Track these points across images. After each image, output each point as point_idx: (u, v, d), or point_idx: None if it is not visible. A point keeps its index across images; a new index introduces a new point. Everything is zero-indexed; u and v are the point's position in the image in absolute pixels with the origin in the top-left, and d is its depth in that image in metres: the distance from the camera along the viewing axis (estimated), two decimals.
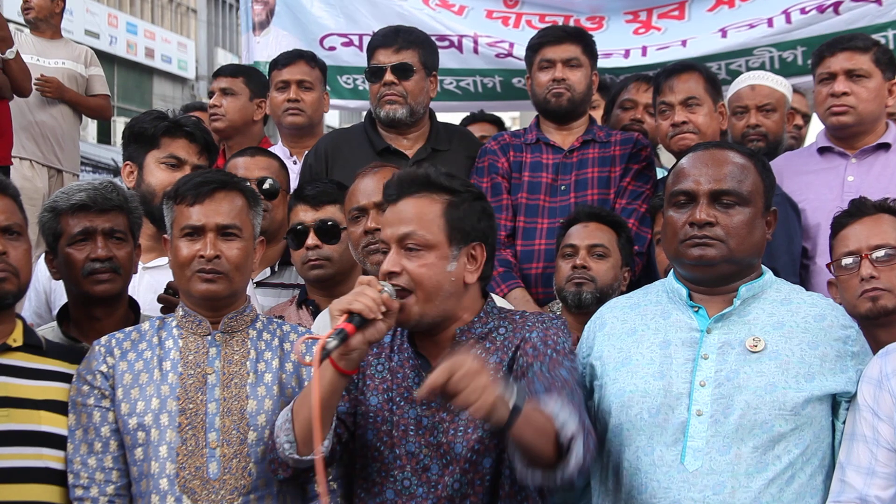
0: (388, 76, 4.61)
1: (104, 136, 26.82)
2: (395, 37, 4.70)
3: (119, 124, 27.10)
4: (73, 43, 7.55)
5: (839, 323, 2.95)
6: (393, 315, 2.77)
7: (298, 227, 4.08)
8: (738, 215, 2.92)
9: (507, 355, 2.88)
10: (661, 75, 4.52)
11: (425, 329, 2.90)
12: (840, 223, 3.50)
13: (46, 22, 7.16)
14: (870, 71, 4.35)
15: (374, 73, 4.66)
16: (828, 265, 3.52)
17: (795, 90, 5.58)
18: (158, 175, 3.90)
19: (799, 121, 5.78)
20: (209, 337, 3.13)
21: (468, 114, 6.19)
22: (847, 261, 3.43)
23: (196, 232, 3.11)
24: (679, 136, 4.35)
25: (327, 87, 5.59)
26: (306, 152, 4.95)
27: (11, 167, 6.42)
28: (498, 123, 6.17)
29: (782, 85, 4.94)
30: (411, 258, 2.84)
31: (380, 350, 2.98)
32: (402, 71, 4.63)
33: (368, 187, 3.73)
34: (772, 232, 3.04)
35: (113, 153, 20.97)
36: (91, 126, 24.93)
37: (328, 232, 4.02)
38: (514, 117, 10.52)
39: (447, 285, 2.87)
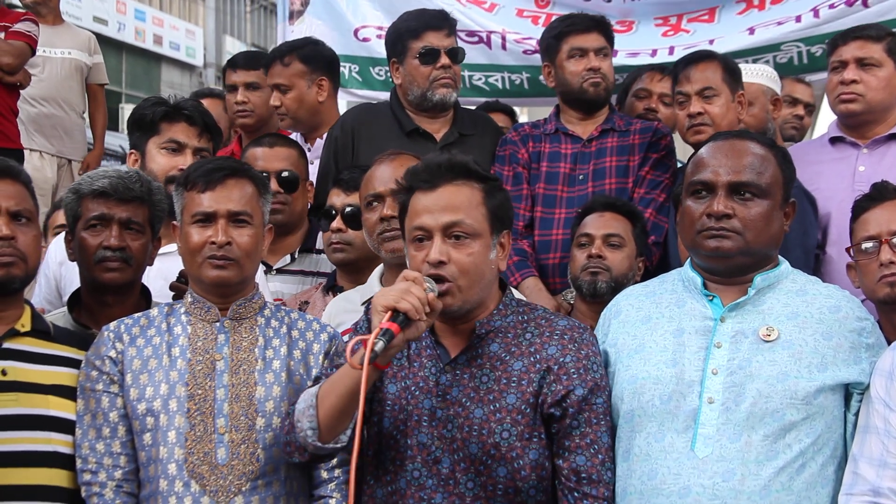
0: (445, 59, 4.58)
1: (112, 123, 26.71)
2: (446, 21, 4.69)
3: (126, 111, 27.02)
4: (75, 28, 7.54)
5: (854, 315, 2.94)
6: (435, 314, 2.73)
7: (331, 210, 4.12)
8: (756, 207, 2.92)
9: (534, 368, 2.85)
10: (678, 64, 4.48)
11: (460, 316, 2.87)
12: (861, 207, 3.49)
13: (46, 5, 7.10)
14: (881, 60, 4.33)
15: (429, 55, 4.58)
16: (847, 249, 3.51)
17: (799, 80, 5.55)
18: (159, 160, 3.91)
19: (801, 111, 5.75)
20: (218, 324, 3.13)
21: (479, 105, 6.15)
22: (867, 245, 3.41)
23: (207, 218, 3.11)
24: (694, 129, 4.31)
25: (356, 76, 5.53)
26: (329, 128, 4.88)
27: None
28: (510, 113, 6.13)
29: (759, 75, 4.86)
30: (458, 247, 2.81)
31: None
32: (455, 55, 4.64)
33: (385, 174, 3.69)
34: (790, 224, 3.03)
35: (120, 140, 20.91)
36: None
37: (354, 217, 4.02)
38: (522, 109, 10.48)
39: (488, 274, 2.87)
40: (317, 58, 5.19)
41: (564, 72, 4.58)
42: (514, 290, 3.08)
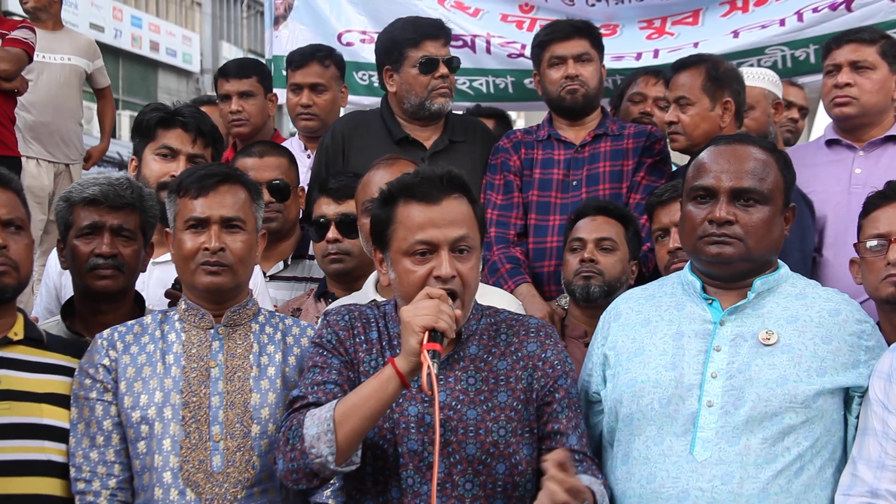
0: (443, 69, 4.59)
1: None
2: (443, 30, 4.70)
3: (124, 118, 27.10)
4: (75, 33, 7.55)
5: (854, 318, 2.94)
6: (458, 329, 2.79)
7: (321, 219, 4.09)
8: (757, 213, 2.93)
9: (519, 366, 2.90)
10: (671, 68, 4.49)
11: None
12: (872, 204, 3.46)
13: (46, 11, 7.12)
14: (875, 63, 4.34)
15: (428, 65, 4.58)
16: (855, 245, 3.49)
17: (792, 83, 5.55)
18: (153, 166, 3.91)
19: (795, 114, 5.75)
20: (212, 330, 3.12)
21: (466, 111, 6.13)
22: (873, 243, 3.40)
23: (200, 224, 3.11)
24: (669, 137, 4.35)
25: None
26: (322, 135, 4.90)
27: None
28: (497, 117, 6.09)
29: (761, 79, 4.87)
30: (462, 260, 2.85)
31: (369, 346, 2.94)
32: (452, 64, 4.65)
33: (383, 180, 3.64)
34: (789, 228, 3.03)
35: (118, 146, 20.95)
36: (96, 120, 24.90)
37: (349, 226, 4.01)
38: (520, 113, 10.48)
39: (478, 286, 2.93)
40: (343, 65, 5.35)
41: (546, 80, 4.61)
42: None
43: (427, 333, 2.65)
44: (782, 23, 5.30)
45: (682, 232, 3.07)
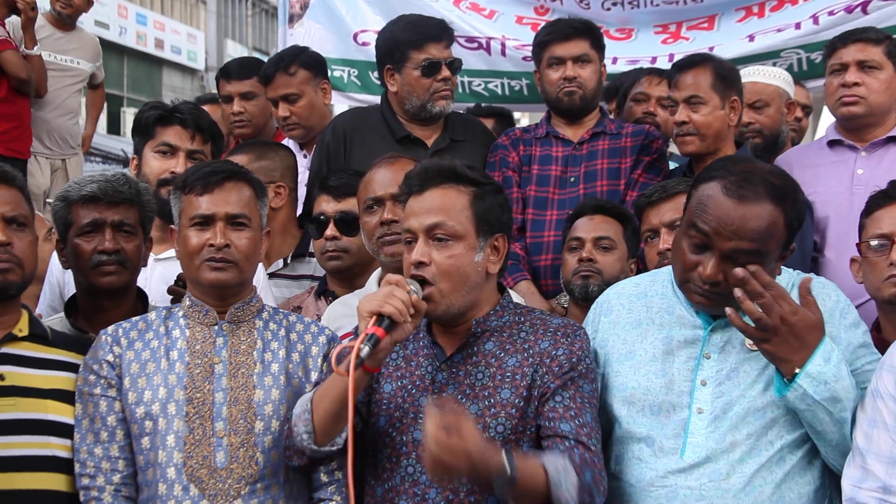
0: (445, 72, 4.59)
1: (114, 127, 26.88)
2: (445, 31, 4.69)
3: (128, 115, 27.14)
4: (84, 33, 7.61)
5: (831, 298, 2.92)
6: (420, 315, 2.80)
7: (321, 217, 4.10)
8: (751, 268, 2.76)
9: (528, 363, 2.89)
10: (673, 68, 4.46)
11: (448, 320, 2.92)
12: (875, 203, 3.45)
13: (73, 18, 7.25)
14: (881, 63, 4.34)
15: (431, 68, 4.57)
16: (858, 245, 3.49)
17: (796, 82, 5.57)
18: (152, 164, 3.92)
19: (799, 113, 5.76)
20: (216, 327, 3.14)
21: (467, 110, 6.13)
22: (875, 243, 3.39)
23: (205, 221, 3.12)
24: (680, 140, 4.30)
25: (354, 80, 5.54)
26: (321, 132, 4.88)
27: None
28: (498, 116, 6.07)
29: (776, 78, 4.88)
30: (440, 249, 2.87)
31: None
32: (453, 66, 4.65)
33: (385, 178, 3.69)
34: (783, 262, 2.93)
35: (123, 144, 21.00)
36: (101, 117, 24.92)
37: (348, 224, 4.03)
38: (524, 114, 10.48)
39: (473, 276, 2.91)
40: (316, 62, 5.25)
41: (544, 80, 4.63)
42: (512, 294, 3.10)
43: (374, 318, 2.69)
44: (798, 26, 5.31)
45: (672, 260, 2.99)
